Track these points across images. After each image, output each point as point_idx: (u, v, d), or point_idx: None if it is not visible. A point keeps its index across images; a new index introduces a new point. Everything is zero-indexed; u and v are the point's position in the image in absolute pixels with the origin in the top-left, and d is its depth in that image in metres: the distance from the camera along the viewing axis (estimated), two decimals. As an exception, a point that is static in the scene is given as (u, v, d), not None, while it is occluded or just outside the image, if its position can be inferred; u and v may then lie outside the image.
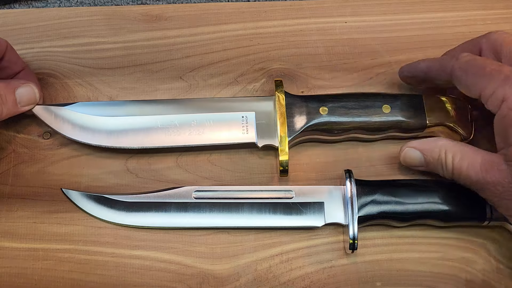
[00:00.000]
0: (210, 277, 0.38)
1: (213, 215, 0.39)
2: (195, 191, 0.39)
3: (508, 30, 0.48)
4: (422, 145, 0.38)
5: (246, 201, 0.39)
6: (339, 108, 0.41)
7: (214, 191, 0.39)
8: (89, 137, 0.40)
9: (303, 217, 0.38)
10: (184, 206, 0.39)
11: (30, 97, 0.40)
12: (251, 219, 0.38)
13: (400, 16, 0.49)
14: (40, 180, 0.41)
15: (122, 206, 0.39)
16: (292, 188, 0.39)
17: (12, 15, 0.48)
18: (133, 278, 0.38)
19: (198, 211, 0.39)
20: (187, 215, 0.39)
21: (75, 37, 0.47)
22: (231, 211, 0.39)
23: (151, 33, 0.47)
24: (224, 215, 0.39)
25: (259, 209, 0.39)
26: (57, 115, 0.41)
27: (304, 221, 0.38)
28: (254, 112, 0.41)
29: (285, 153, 0.39)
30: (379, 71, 0.46)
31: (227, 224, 0.39)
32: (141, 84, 0.45)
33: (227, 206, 0.39)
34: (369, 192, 0.38)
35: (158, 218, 0.39)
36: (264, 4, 0.49)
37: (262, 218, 0.38)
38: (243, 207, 0.39)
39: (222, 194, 0.39)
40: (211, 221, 0.39)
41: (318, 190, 0.39)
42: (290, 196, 0.39)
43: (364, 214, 0.37)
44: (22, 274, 0.38)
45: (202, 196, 0.39)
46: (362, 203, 0.38)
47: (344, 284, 0.38)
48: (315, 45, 0.47)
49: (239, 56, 0.47)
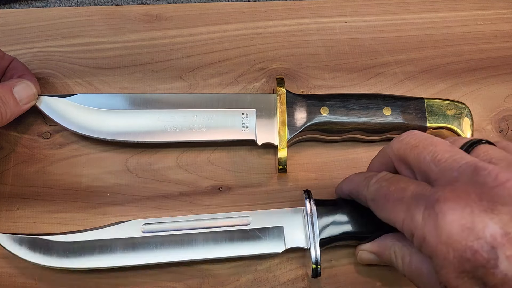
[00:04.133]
0: (210, 277, 0.38)
1: (164, 250, 0.35)
2: (144, 225, 0.36)
3: (508, 30, 0.48)
4: (374, 247, 0.35)
5: (200, 231, 0.36)
6: (340, 109, 0.41)
7: (164, 222, 0.36)
8: (88, 130, 0.40)
9: (262, 243, 0.36)
10: (132, 242, 0.35)
11: (28, 94, 0.40)
12: (207, 251, 0.36)
13: (400, 16, 0.49)
14: (40, 180, 0.41)
15: (61, 248, 0.35)
16: (249, 214, 0.37)
17: (12, 15, 0.48)
18: (133, 278, 0.38)
19: (147, 247, 0.35)
20: (135, 252, 0.35)
21: (75, 37, 0.47)
22: (184, 244, 0.36)
23: (151, 33, 0.47)
24: (176, 249, 0.35)
25: (215, 239, 0.36)
26: (57, 106, 0.41)
27: (263, 248, 0.36)
28: (255, 110, 0.41)
29: (284, 150, 0.39)
30: (379, 71, 0.46)
31: (180, 258, 0.35)
32: (141, 84, 0.45)
33: (179, 238, 0.36)
34: (330, 213, 0.36)
35: (102, 259, 0.35)
36: (264, 4, 0.49)
37: (218, 249, 0.36)
38: (197, 239, 0.36)
39: (173, 226, 0.36)
40: (162, 257, 0.35)
41: (276, 213, 0.37)
42: (247, 222, 0.37)
43: (325, 236, 0.36)
44: (22, 274, 0.38)
45: (151, 229, 0.36)
46: (324, 224, 0.36)
47: (344, 284, 0.38)
48: (315, 45, 0.47)
49: (239, 56, 0.47)
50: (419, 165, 0.29)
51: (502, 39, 0.48)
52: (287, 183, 0.41)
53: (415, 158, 0.29)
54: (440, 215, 0.26)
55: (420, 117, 0.41)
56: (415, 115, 0.41)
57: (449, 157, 0.27)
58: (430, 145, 0.29)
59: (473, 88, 0.46)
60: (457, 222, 0.25)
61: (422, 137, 0.30)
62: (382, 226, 0.33)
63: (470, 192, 0.25)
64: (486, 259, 0.24)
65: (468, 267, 0.24)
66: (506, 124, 0.45)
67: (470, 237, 0.24)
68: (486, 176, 0.25)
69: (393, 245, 0.33)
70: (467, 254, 0.24)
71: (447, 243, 0.25)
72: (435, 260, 0.26)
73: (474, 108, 0.45)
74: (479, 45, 0.48)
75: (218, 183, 0.41)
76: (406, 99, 0.42)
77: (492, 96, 0.45)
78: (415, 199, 0.28)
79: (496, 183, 0.25)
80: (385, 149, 0.33)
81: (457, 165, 0.27)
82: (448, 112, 0.41)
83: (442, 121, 0.41)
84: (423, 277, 0.30)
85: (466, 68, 0.47)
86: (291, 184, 0.41)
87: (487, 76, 0.46)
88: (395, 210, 0.29)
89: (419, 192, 0.28)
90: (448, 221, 0.25)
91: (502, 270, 0.24)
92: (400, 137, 0.31)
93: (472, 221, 0.25)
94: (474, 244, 0.24)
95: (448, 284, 0.26)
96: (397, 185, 0.30)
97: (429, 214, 0.26)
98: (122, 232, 0.36)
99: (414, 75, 0.46)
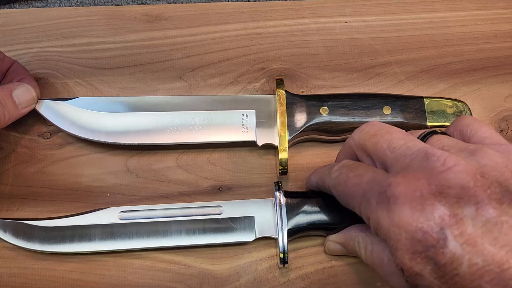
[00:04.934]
0: (210, 277, 0.38)
1: (140, 236, 0.37)
2: (121, 212, 0.38)
3: (508, 30, 0.48)
4: (340, 238, 0.37)
5: (174, 219, 0.38)
6: (340, 108, 0.41)
7: (140, 210, 0.38)
8: (88, 133, 0.40)
9: (234, 232, 0.38)
10: (110, 228, 0.37)
11: (28, 97, 0.40)
12: (180, 239, 0.37)
13: (400, 16, 0.49)
14: (40, 180, 0.41)
15: (43, 232, 0.37)
16: (221, 203, 0.39)
17: (12, 15, 0.48)
18: (133, 278, 0.38)
19: (124, 234, 0.37)
20: (113, 238, 0.37)
21: (75, 37, 0.47)
22: (159, 231, 0.37)
23: (151, 33, 0.47)
24: (151, 236, 0.37)
25: (188, 228, 0.37)
26: (57, 109, 0.41)
27: (235, 237, 0.37)
28: (255, 111, 0.41)
29: (284, 151, 0.39)
30: (379, 71, 0.46)
31: (155, 245, 0.37)
32: (141, 84, 0.45)
33: (154, 226, 0.37)
34: (299, 203, 0.37)
35: (82, 243, 0.37)
36: (264, 4, 0.49)
37: (192, 237, 0.37)
38: (171, 226, 0.37)
39: (148, 214, 0.38)
40: (138, 243, 0.37)
41: (248, 203, 0.39)
42: (219, 211, 0.38)
43: (293, 226, 0.37)
44: (22, 274, 0.38)
45: (127, 217, 0.38)
46: (292, 215, 0.37)
47: (344, 284, 0.38)
48: (315, 45, 0.47)
49: (239, 56, 0.47)
50: (377, 153, 0.31)
51: (502, 39, 0.48)
52: (287, 183, 0.41)
53: (373, 146, 0.31)
54: (392, 199, 0.27)
55: (420, 116, 0.41)
56: (415, 114, 0.41)
57: (403, 144, 0.29)
58: (386, 133, 0.30)
59: (473, 88, 0.46)
60: (407, 205, 0.26)
61: (380, 126, 0.32)
62: (348, 217, 0.35)
63: (420, 177, 0.27)
64: (436, 239, 0.25)
65: (420, 247, 0.26)
66: (506, 124, 0.45)
67: (420, 218, 0.26)
68: (435, 161, 0.26)
69: (356, 236, 0.35)
70: (418, 235, 0.26)
71: (398, 225, 0.26)
72: (389, 242, 0.27)
73: (474, 108, 0.45)
74: (479, 45, 0.48)
75: (218, 183, 0.41)
76: (406, 98, 0.42)
77: (492, 96, 0.45)
78: (370, 184, 0.29)
79: (444, 168, 0.26)
80: (348, 140, 0.35)
81: (410, 152, 0.28)
82: (448, 110, 0.41)
83: (442, 120, 0.41)
84: (383, 265, 0.31)
85: (466, 68, 0.47)
86: (291, 184, 0.41)
87: (487, 76, 0.46)
88: (353, 195, 0.31)
89: (375, 178, 0.29)
90: (399, 204, 0.27)
91: (450, 249, 0.25)
92: (360, 128, 0.33)
93: (422, 203, 0.26)
94: (424, 225, 0.26)
95: (403, 265, 0.27)
96: (356, 171, 0.32)
97: (382, 198, 0.28)
98: (101, 219, 0.38)
99: (414, 75, 0.46)
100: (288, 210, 0.37)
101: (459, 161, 0.26)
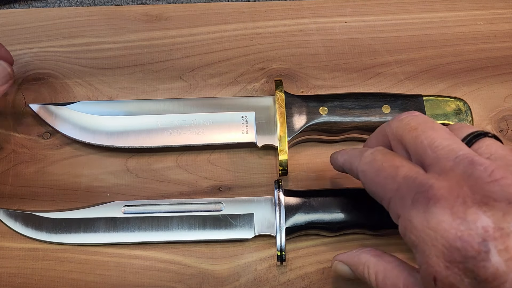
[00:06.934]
0: (210, 277, 0.38)
1: (142, 230, 0.38)
2: (124, 206, 0.39)
3: (508, 30, 0.48)
4: (349, 258, 0.34)
5: (175, 214, 0.39)
6: (339, 108, 0.41)
7: (143, 205, 0.39)
8: (89, 136, 0.40)
9: (233, 229, 0.38)
10: (113, 221, 0.38)
11: (3, 74, 0.38)
12: (181, 234, 0.38)
13: (400, 16, 0.49)
14: (40, 180, 0.41)
15: (51, 224, 0.38)
16: (222, 200, 0.39)
17: (12, 15, 0.48)
18: (133, 278, 0.38)
19: (127, 227, 0.38)
20: (116, 230, 0.38)
21: (75, 37, 0.47)
22: (160, 226, 0.38)
23: (151, 33, 0.47)
24: (153, 230, 0.38)
25: (189, 223, 0.38)
26: (57, 114, 0.41)
27: (234, 234, 0.38)
28: (254, 112, 0.41)
29: (284, 152, 0.39)
30: (378, 71, 0.46)
31: (157, 239, 0.38)
32: (141, 84, 0.45)
33: (156, 220, 0.38)
34: (298, 202, 0.38)
35: (87, 235, 0.38)
36: (264, 4, 0.49)
37: (192, 232, 0.38)
38: (172, 221, 0.38)
39: (151, 209, 0.39)
40: (140, 237, 0.38)
41: (248, 201, 0.39)
42: (220, 208, 0.39)
43: (292, 224, 0.37)
44: (22, 274, 0.38)
45: (131, 211, 0.39)
46: (291, 214, 0.37)
47: (344, 284, 0.38)
48: (315, 45, 0.47)
49: (239, 56, 0.47)
50: (415, 148, 0.29)
51: (502, 39, 0.48)
52: (287, 183, 0.41)
53: (412, 140, 0.29)
54: (432, 201, 0.25)
55: None
56: None
57: (447, 146, 0.27)
58: (429, 129, 0.28)
59: (473, 88, 0.46)
60: (448, 210, 0.25)
61: (422, 119, 0.30)
62: (349, 217, 0.36)
63: (463, 184, 0.25)
64: (477, 251, 0.24)
65: (458, 257, 0.24)
66: (506, 124, 0.45)
67: (461, 226, 0.24)
68: (481, 171, 0.25)
69: (367, 260, 0.32)
70: (457, 243, 0.24)
71: (436, 229, 0.25)
72: (421, 246, 0.26)
73: (474, 108, 0.45)
74: (479, 45, 0.48)
75: (218, 183, 0.41)
76: (405, 97, 0.42)
77: (492, 96, 0.45)
78: (407, 180, 0.28)
79: (491, 179, 0.25)
80: (383, 127, 0.33)
81: (453, 155, 0.26)
82: (447, 108, 0.41)
83: (441, 118, 0.41)
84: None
85: (466, 68, 0.47)
86: (291, 184, 0.42)
87: (487, 76, 0.46)
88: (385, 186, 0.29)
89: (413, 175, 0.27)
90: (439, 207, 0.25)
91: (493, 263, 0.23)
92: (400, 116, 0.31)
93: (464, 211, 0.24)
94: (465, 234, 0.24)
95: (437, 274, 0.25)
96: (392, 162, 0.29)
97: (420, 198, 0.26)
98: (105, 212, 0.39)
99: (414, 75, 0.46)
100: (287, 209, 0.37)
101: (507, 174, 0.25)
